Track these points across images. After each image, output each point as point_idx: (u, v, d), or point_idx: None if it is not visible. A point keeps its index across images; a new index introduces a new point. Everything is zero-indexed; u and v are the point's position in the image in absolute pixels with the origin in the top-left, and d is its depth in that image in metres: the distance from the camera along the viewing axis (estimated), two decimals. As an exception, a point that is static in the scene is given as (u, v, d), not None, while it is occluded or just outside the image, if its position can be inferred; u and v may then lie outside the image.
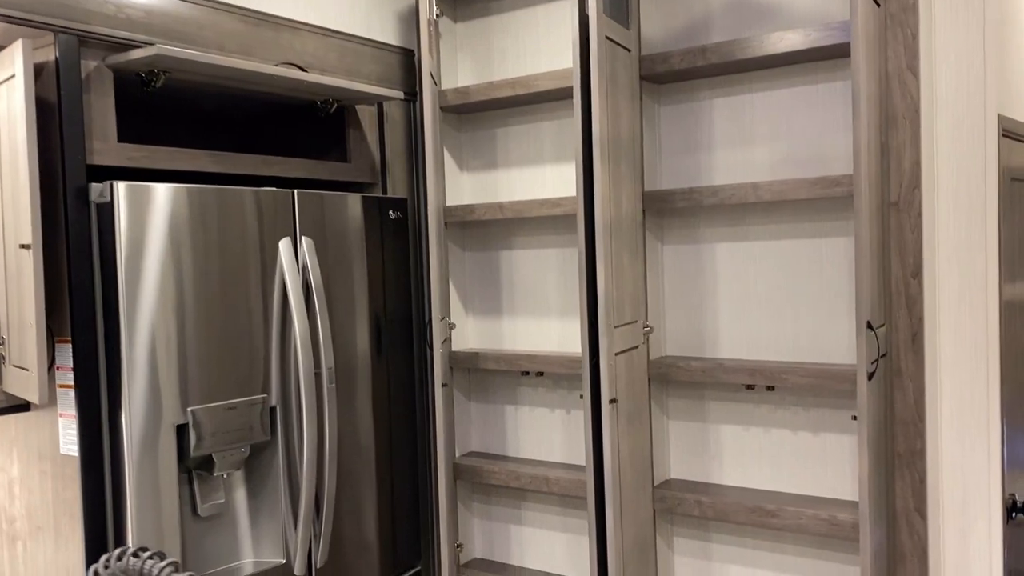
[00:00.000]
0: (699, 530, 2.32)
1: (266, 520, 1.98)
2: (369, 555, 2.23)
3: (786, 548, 2.19)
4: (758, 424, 2.21)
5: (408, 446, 2.39)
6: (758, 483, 2.21)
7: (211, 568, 1.90)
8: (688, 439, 2.31)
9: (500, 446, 2.65)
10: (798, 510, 2.00)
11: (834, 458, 2.10)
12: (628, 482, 2.07)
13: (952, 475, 1.98)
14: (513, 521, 2.65)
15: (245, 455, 1.89)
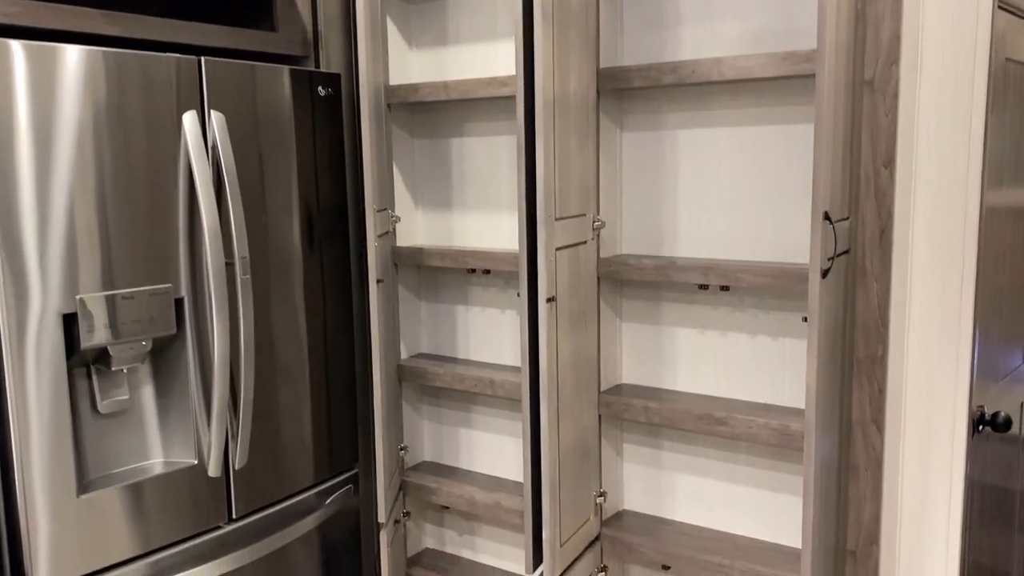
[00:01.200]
0: (650, 437, 2.19)
1: (177, 419, 1.85)
2: (299, 456, 2.11)
3: (738, 458, 2.06)
4: (715, 327, 2.05)
5: (345, 345, 2.24)
6: (713, 390, 2.07)
7: (116, 468, 1.78)
8: (641, 343, 2.16)
9: (450, 348, 2.51)
10: (748, 418, 1.86)
11: (793, 365, 1.95)
12: (568, 386, 1.93)
13: (916, 384, 1.83)
14: (463, 424, 2.53)
15: (147, 349, 1.74)
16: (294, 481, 2.10)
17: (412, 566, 2.51)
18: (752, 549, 1.98)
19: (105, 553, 1.70)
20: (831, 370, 1.64)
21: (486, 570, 2.49)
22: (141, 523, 1.76)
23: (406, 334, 2.49)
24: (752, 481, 2.05)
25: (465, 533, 2.58)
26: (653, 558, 2.03)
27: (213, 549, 1.91)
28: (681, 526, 2.13)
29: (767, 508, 2.03)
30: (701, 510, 2.13)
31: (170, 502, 1.81)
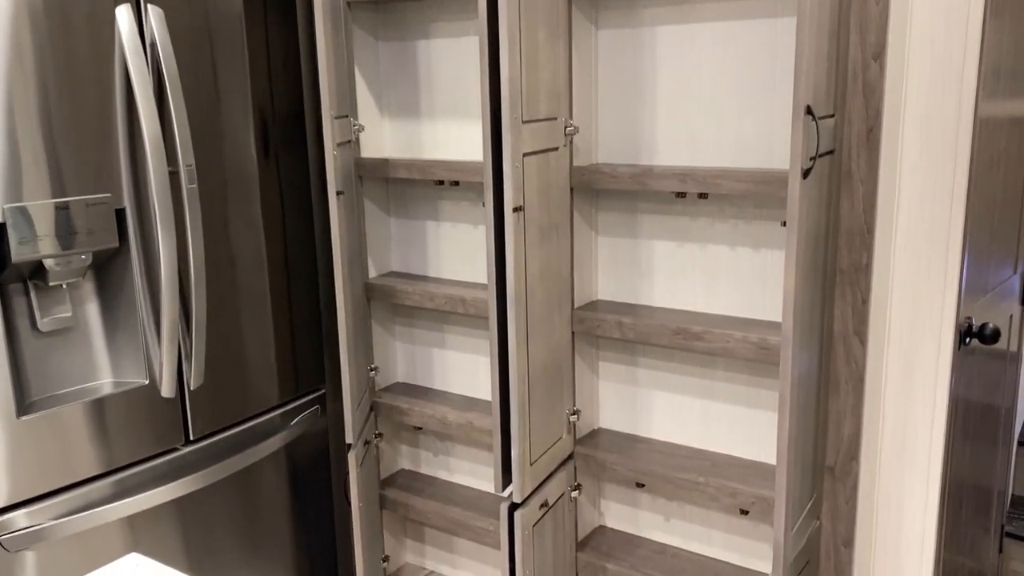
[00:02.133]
0: (626, 355, 2.12)
1: (125, 338, 1.76)
2: (261, 377, 2.03)
3: (716, 374, 1.99)
4: (694, 240, 1.95)
5: (307, 261, 2.14)
6: (691, 305, 1.98)
7: (61, 388, 1.69)
8: (617, 257, 2.06)
9: (421, 266, 2.42)
10: (726, 332, 1.78)
11: (775, 277, 1.86)
12: (538, 301, 1.84)
13: (901, 295, 1.74)
14: (436, 345, 2.45)
15: (86, 263, 1.64)
16: (257, 402, 2.03)
17: (387, 487, 2.46)
18: (728, 466, 1.93)
19: (53, 476, 1.63)
20: (812, 279, 1.55)
21: (461, 490, 2.44)
22: (91, 445, 1.68)
23: (374, 251, 2.39)
24: (729, 398, 1.98)
25: (440, 454, 2.53)
26: (627, 476, 1.98)
27: (172, 470, 1.84)
28: (657, 444, 2.07)
29: (744, 425, 1.97)
30: (677, 428, 2.07)
31: (122, 423, 1.73)
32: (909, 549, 1.87)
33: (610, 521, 2.23)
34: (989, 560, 2.31)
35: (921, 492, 1.83)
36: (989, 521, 2.27)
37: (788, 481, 1.54)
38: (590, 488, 2.17)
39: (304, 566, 2.21)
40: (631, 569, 2.01)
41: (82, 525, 1.68)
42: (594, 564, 2.07)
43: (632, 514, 2.19)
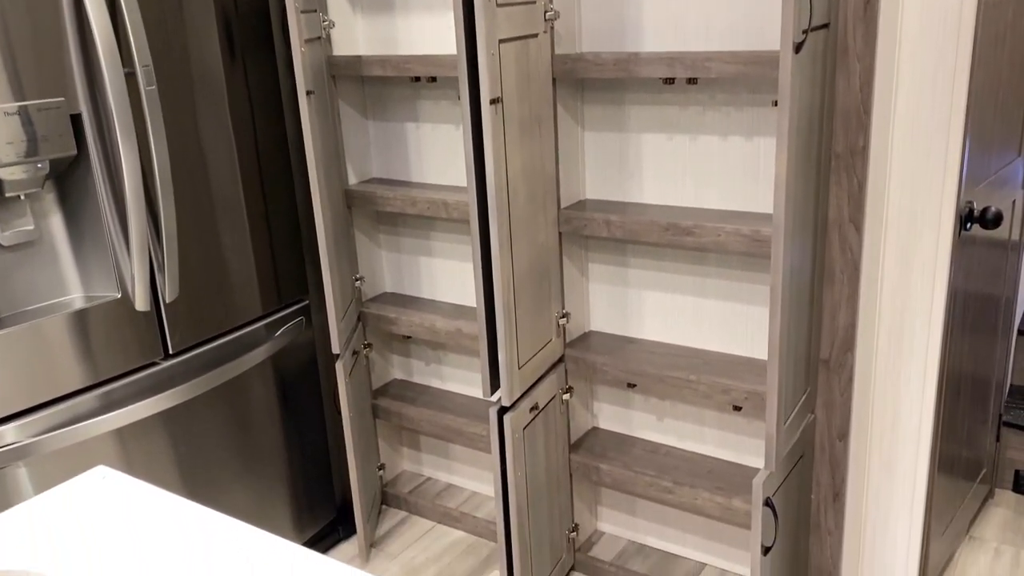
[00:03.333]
0: (616, 255, 2.05)
1: (92, 250, 1.69)
2: (241, 288, 1.98)
3: (707, 271, 1.93)
4: (684, 131, 1.86)
5: (281, 167, 2.06)
6: (682, 200, 1.91)
7: (29, 304, 1.64)
8: (605, 153, 1.98)
9: (403, 171, 2.33)
10: (717, 226, 1.71)
11: (768, 167, 1.78)
12: (521, 200, 1.76)
13: (900, 179, 1.67)
14: (423, 253, 2.39)
15: (44, 172, 1.56)
16: (238, 314, 1.98)
17: (379, 396, 2.44)
18: (720, 363, 1.89)
19: (31, 392, 1.59)
20: (805, 165, 1.47)
21: (454, 397, 2.42)
22: (67, 360, 1.64)
23: (353, 157, 2.30)
24: (722, 294, 1.93)
25: (432, 363, 2.50)
26: (618, 376, 1.94)
27: (155, 384, 1.80)
28: (648, 344, 2.03)
29: (737, 322, 1.92)
30: (669, 327, 2.02)
31: (98, 338, 1.69)
32: (905, 441, 1.85)
33: (603, 423, 2.21)
34: (986, 450, 2.30)
35: (918, 383, 1.80)
36: (987, 411, 2.25)
37: (780, 373, 1.50)
38: (582, 390, 2.14)
39: (298, 476, 2.20)
40: (624, 468, 2.00)
41: (67, 440, 1.65)
42: (587, 465, 2.06)
43: (625, 415, 2.17)
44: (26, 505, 1.00)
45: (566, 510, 2.13)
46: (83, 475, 1.06)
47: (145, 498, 1.02)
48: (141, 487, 1.04)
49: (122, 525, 0.97)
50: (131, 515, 0.99)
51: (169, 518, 0.98)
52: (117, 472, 1.07)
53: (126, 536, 0.95)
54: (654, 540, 2.24)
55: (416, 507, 2.48)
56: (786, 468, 1.64)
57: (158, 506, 1.00)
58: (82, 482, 1.05)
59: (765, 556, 1.58)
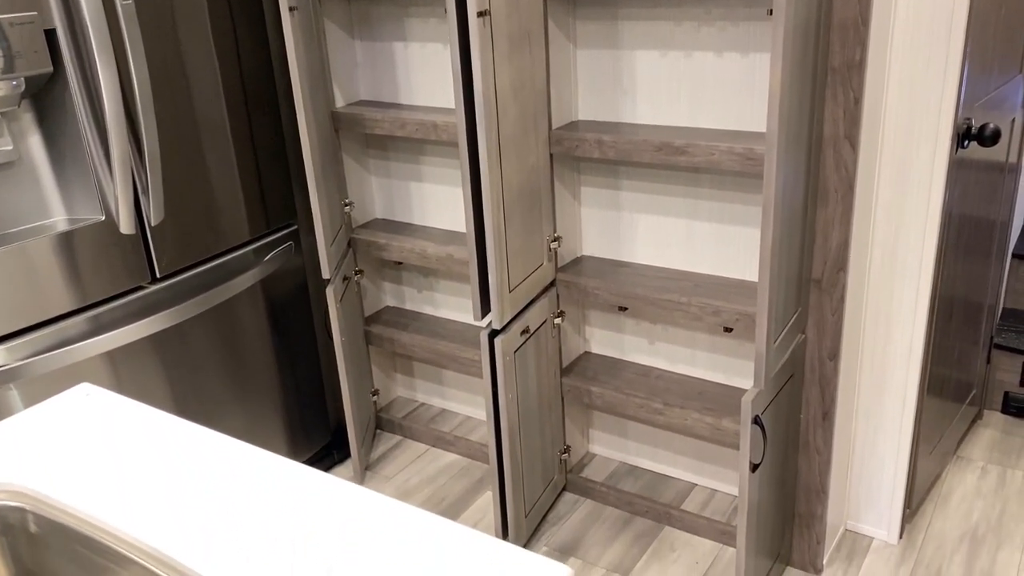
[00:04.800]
0: (608, 178, 2.02)
1: (74, 172, 1.66)
2: (226, 213, 1.95)
3: (700, 192, 1.91)
4: (679, 47, 1.82)
5: (267, 89, 2.01)
6: (676, 120, 1.87)
7: (11, 227, 1.62)
8: (598, 71, 1.93)
9: (392, 93, 2.28)
10: (710, 144, 1.68)
11: (764, 84, 1.74)
12: (511, 120, 1.73)
13: (898, 93, 1.63)
14: (413, 178, 2.36)
15: (19, 89, 1.52)
16: (225, 238, 1.96)
17: (371, 323, 2.43)
18: (712, 285, 1.88)
19: (18, 315, 1.58)
20: (800, 79, 1.44)
21: (446, 323, 2.42)
22: (53, 283, 1.63)
23: (340, 79, 2.25)
24: (715, 216, 1.91)
25: (424, 290, 2.49)
26: (610, 300, 1.93)
27: (144, 308, 1.79)
28: (640, 268, 2.02)
29: (729, 244, 1.91)
30: (661, 251, 2.01)
31: (83, 261, 1.67)
32: (896, 361, 1.85)
33: (595, 347, 2.22)
34: (976, 371, 2.32)
35: (910, 304, 1.79)
36: (978, 333, 2.26)
37: (771, 292, 1.49)
38: (574, 315, 2.14)
39: (292, 400, 2.21)
40: (615, 391, 2.01)
41: (57, 363, 1.64)
42: (578, 388, 2.06)
43: (616, 339, 2.17)
44: (9, 421, 1.00)
45: (558, 432, 2.15)
46: (66, 392, 1.05)
47: (129, 414, 1.02)
48: (125, 403, 1.03)
49: (106, 440, 0.96)
50: (115, 431, 0.98)
51: (155, 433, 0.98)
52: (101, 389, 1.06)
53: (111, 451, 0.94)
54: (645, 461, 2.26)
55: (410, 431, 2.50)
56: (775, 387, 1.65)
57: (143, 422, 1.00)
58: (65, 399, 1.04)
59: (753, 473, 1.59)
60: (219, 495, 0.86)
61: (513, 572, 0.72)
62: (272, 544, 0.79)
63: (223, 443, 0.96)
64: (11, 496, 0.87)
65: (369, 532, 0.79)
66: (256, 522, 0.82)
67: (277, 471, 0.90)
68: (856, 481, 1.99)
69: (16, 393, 1.61)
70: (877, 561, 1.93)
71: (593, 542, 2.04)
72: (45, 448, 0.95)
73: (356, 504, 0.83)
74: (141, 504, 0.85)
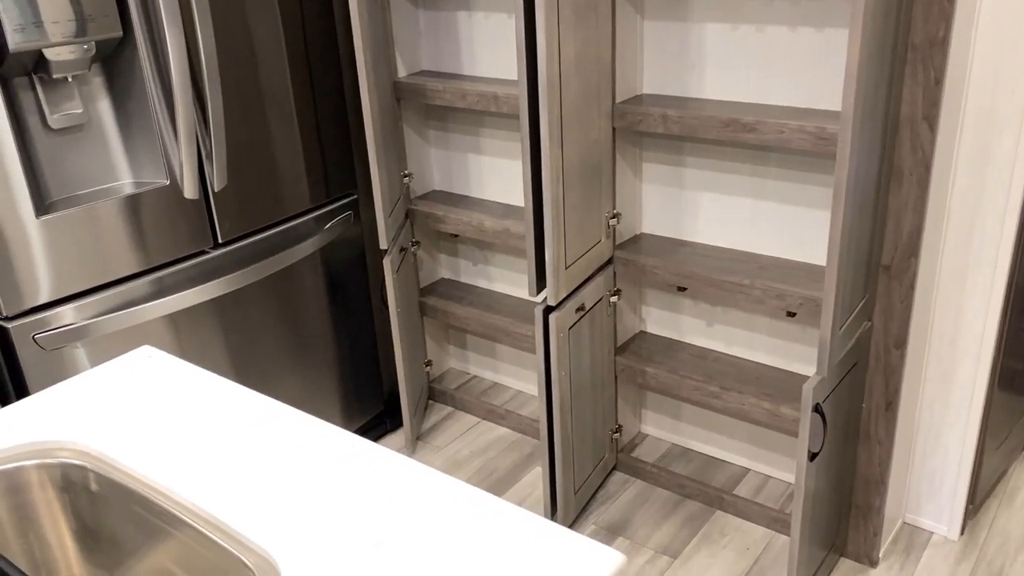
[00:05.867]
0: (672, 154, 1.98)
1: (140, 136, 1.69)
2: (288, 180, 1.96)
3: (768, 171, 1.85)
4: (750, 20, 1.76)
5: (330, 58, 2.01)
6: (745, 96, 1.82)
7: (80, 189, 1.65)
8: (665, 43, 1.88)
9: (454, 63, 2.26)
10: (780, 122, 1.62)
11: (839, 61, 1.68)
12: (574, 93, 1.69)
13: (981, 72, 1.55)
14: (472, 150, 2.34)
15: (90, 53, 1.54)
16: (286, 205, 1.97)
17: (426, 294, 2.44)
18: (776, 268, 1.83)
19: (75, 278, 1.62)
20: (879, 56, 1.37)
21: (501, 297, 2.41)
22: (114, 247, 1.66)
23: (403, 47, 2.24)
24: (782, 197, 1.85)
25: (480, 263, 2.48)
26: (668, 279, 1.90)
27: (205, 272, 1.82)
28: (702, 248, 1.98)
29: (797, 226, 1.85)
30: (724, 231, 1.96)
31: (147, 225, 1.70)
32: (965, 352, 1.78)
33: (651, 327, 2.18)
34: (1049, 366, 2.22)
35: (983, 293, 1.72)
36: (1054, 327, 2.16)
37: (839, 276, 1.44)
38: (630, 293, 2.11)
39: (346, 368, 2.23)
40: (670, 372, 1.98)
41: (122, 323, 1.68)
42: (632, 368, 2.04)
43: (673, 320, 2.13)
44: (72, 381, 1.02)
45: (610, 411, 2.13)
46: (129, 354, 1.07)
47: (188, 378, 1.03)
48: (184, 367, 1.05)
49: (165, 403, 0.98)
50: (174, 394, 1.00)
51: (211, 398, 0.99)
52: (162, 352, 1.07)
53: (169, 414, 0.96)
54: (698, 444, 2.23)
55: (462, 403, 2.51)
56: (838, 375, 1.60)
57: (201, 386, 1.01)
58: (127, 360, 1.06)
59: (811, 462, 1.55)
60: (271, 463, 0.87)
61: (564, 553, 0.71)
62: (322, 514, 0.79)
63: (277, 410, 0.96)
64: (74, 455, 0.89)
65: (417, 506, 0.79)
66: (307, 491, 0.82)
67: (329, 441, 0.90)
68: (917, 474, 1.93)
69: (82, 352, 1.65)
70: (936, 556, 1.87)
71: (642, 523, 2.03)
72: (107, 409, 0.97)
73: (405, 477, 0.83)
74: (196, 468, 0.86)
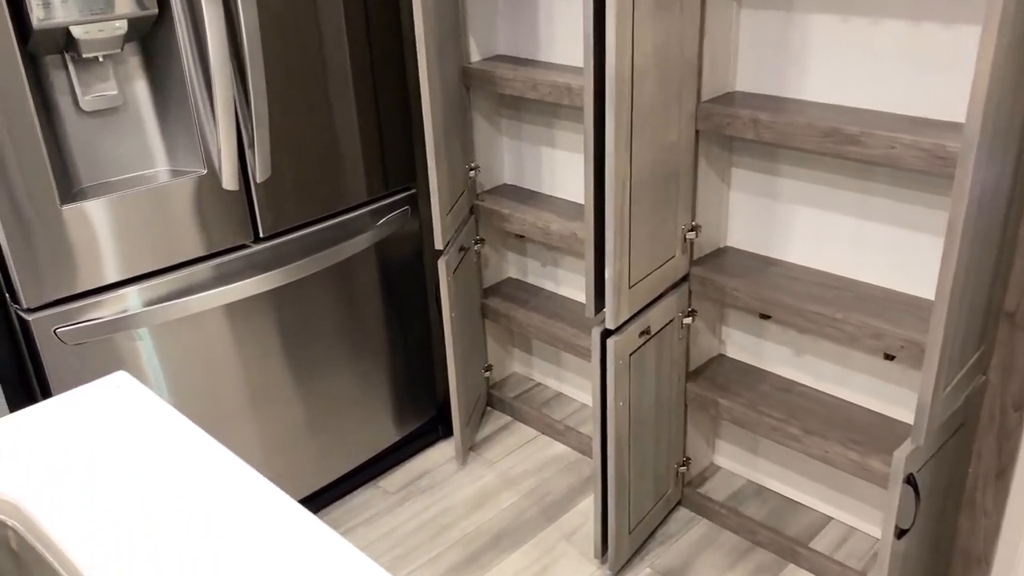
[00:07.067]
0: (765, 161, 1.75)
1: (179, 121, 1.58)
2: (340, 172, 1.83)
3: (875, 188, 1.60)
4: (863, 12, 1.50)
5: (394, 39, 1.86)
6: (852, 99, 1.57)
7: (113, 176, 1.56)
8: (763, 36, 1.65)
9: (532, 48, 2.08)
10: (890, 135, 1.38)
11: (969, 62, 1.41)
12: (649, 90, 1.48)
13: None
14: (545, 143, 2.16)
15: (121, 32, 1.43)
16: (337, 199, 1.84)
17: (490, 295, 2.28)
18: (877, 300, 1.58)
19: (101, 270, 1.53)
20: (1017, 62, 1.11)
21: (568, 303, 2.22)
22: (144, 238, 1.56)
23: (477, 29, 2.06)
24: (890, 218, 1.60)
25: (548, 264, 2.30)
26: (749, 304, 1.67)
27: (240, 269, 1.71)
28: (793, 268, 1.74)
29: (906, 252, 1.59)
30: (821, 251, 1.72)
31: (180, 216, 1.59)
32: (1103, 415, 1.49)
33: (731, 350, 1.96)
34: None
35: None
36: None
37: (948, 325, 1.19)
38: (708, 312, 1.89)
39: (400, 370, 2.10)
40: (746, 406, 1.76)
41: (148, 320, 1.59)
42: (704, 397, 1.83)
43: (757, 345, 1.90)
44: (26, 412, 0.91)
45: (676, 442, 1.92)
46: (98, 382, 0.95)
47: (152, 418, 0.90)
48: (151, 404, 0.92)
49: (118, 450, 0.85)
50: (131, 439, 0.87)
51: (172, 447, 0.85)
52: (134, 382, 0.95)
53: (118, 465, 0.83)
54: (776, 484, 2.00)
55: (521, 414, 2.35)
56: (940, 438, 1.36)
57: (164, 430, 0.88)
58: (93, 389, 0.94)
59: (899, 539, 1.32)
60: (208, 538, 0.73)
61: None
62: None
63: (233, 470, 0.82)
64: (3, 507, 0.78)
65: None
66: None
67: (280, 519, 0.75)
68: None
69: (106, 348, 1.57)
70: (1048, 649, 1.60)
71: (703, 569, 1.82)
72: (53, 451, 0.85)
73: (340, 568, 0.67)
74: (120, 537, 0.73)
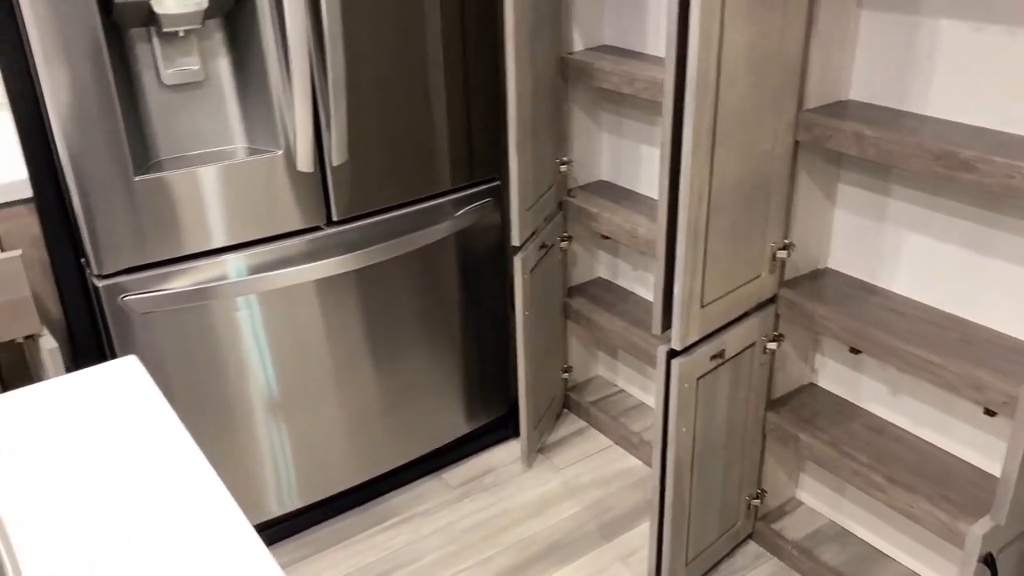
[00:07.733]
0: (875, 179, 1.58)
1: (258, 99, 1.58)
2: (425, 158, 1.79)
3: (998, 220, 1.41)
4: (1000, 20, 1.31)
5: (489, 24, 1.79)
6: (978, 119, 1.38)
7: (191, 150, 1.58)
8: (884, 40, 1.48)
9: (639, 40, 1.96)
10: (1011, 163, 1.20)
11: (1120, 84, 1.20)
12: (739, 93, 1.36)
13: None
14: (645, 140, 2.04)
15: (202, 7, 1.44)
16: (417, 186, 1.81)
17: (575, 295, 2.19)
18: (987, 345, 1.40)
19: (169, 242, 1.55)
20: None
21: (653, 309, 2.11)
22: (217, 213, 1.57)
23: (582, 18, 1.97)
24: (1014, 254, 1.40)
25: (639, 268, 2.19)
26: (839, 335, 1.52)
27: (311, 251, 1.71)
28: (895, 299, 1.57)
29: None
30: (930, 284, 1.54)
31: (252, 195, 1.60)
32: None
33: (824, 380, 1.80)
34: None
35: None
36: None
37: (1052, 397, 1.02)
38: (800, 339, 1.74)
39: (474, 365, 2.06)
40: (828, 445, 1.60)
41: (213, 296, 1.61)
42: (783, 430, 1.68)
43: (853, 378, 1.74)
44: (20, 393, 0.91)
45: (751, 474, 1.79)
46: (106, 364, 0.94)
47: (141, 414, 0.88)
48: (146, 397, 0.90)
49: (96, 450, 0.84)
50: (115, 438, 0.85)
51: (144, 446, 0.83)
52: (140, 370, 0.94)
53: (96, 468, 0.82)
54: (861, 529, 1.83)
55: (597, 420, 2.26)
56: (1038, 517, 1.18)
57: (148, 430, 0.86)
58: (97, 373, 0.94)
59: (973, 625, 1.16)
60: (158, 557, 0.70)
61: None
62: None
63: (198, 482, 0.79)
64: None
65: None
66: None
67: (229, 550, 0.71)
68: None
69: (172, 319, 1.60)
70: None
71: (765, 614, 1.69)
72: (24, 439, 0.85)
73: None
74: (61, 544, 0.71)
